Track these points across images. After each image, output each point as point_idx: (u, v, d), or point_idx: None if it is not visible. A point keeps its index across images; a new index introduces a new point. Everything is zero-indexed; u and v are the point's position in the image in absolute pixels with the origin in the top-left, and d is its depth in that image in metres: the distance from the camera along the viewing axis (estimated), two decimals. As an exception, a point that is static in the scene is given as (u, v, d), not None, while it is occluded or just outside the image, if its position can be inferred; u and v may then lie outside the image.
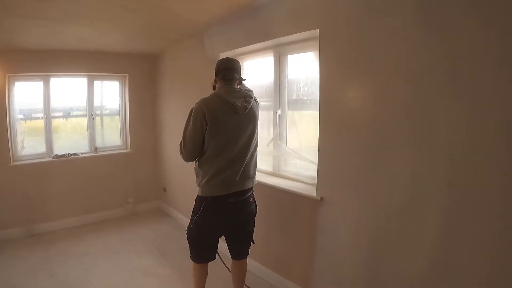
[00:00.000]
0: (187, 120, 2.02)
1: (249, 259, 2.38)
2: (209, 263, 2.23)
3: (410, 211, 1.77)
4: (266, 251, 2.74)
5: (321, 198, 2.25)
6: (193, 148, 2.01)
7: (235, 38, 2.87)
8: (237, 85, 2.13)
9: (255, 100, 2.13)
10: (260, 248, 2.63)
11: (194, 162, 2.14)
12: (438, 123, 1.61)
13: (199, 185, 2.08)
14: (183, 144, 2.06)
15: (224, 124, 1.96)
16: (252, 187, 2.16)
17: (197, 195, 2.11)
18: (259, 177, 2.68)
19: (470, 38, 1.46)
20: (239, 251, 2.27)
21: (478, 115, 1.46)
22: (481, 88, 1.44)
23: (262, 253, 2.75)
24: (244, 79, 2.20)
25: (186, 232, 2.21)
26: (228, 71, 2.08)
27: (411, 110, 1.72)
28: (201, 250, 2.18)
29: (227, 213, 2.07)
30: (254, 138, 2.11)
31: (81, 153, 3.83)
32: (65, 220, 3.76)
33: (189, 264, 2.26)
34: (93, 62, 3.72)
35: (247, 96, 2.06)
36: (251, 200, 2.17)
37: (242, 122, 2.02)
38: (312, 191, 2.35)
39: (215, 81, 2.17)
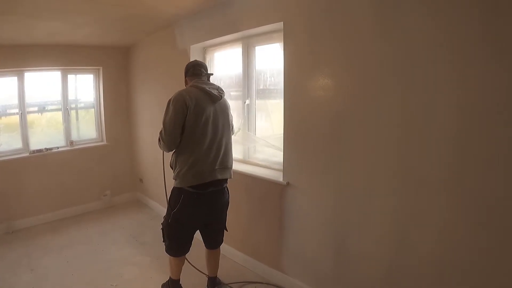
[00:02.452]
0: (166, 109, 2.03)
1: (228, 246, 2.51)
2: None
3: (369, 193, 1.92)
4: (238, 235, 2.86)
5: (288, 183, 2.37)
6: (174, 134, 2.00)
7: (204, 30, 2.93)
8: (207, 80, 2.25)
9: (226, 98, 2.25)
10: (232, 232, 2.69)
11: (170, 155, 2.17)
12: (389, 112, 1.75)
13: (176, 177, 2.07)
14: (163, 132, 2.05)
15: (204, 111, 2.02)
16: (227, 179, 2.21)
17: (174, 187, 2.12)
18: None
19: (420, 30, 1.60)
20: (214, 240, 2.36)
21: (428, 102, 1.60)
22: (430, 76, 1.58)
23: (234, 237, 2.87)
24: (211, 74, 2.32)
25: (162, 227, 2.22)
26: (195, 68, 2.22)
27: (366, 100, 1.86)
28: (180, 244, 2.20)
29: (206, 202, 2.11)
30: (228, 129, 2.21)
31: (58, 148, 3.83)
32: (43, 215, 3.79)
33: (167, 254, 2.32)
34: (66, 56, 3.70)
35: (219, 88, 2.19)
36: (225, 190, 2.26)
37: (217, 111, 2.12)
38: (279, 177, 2.46)
39: (186, 82, 2.27)
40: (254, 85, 2.82)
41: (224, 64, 3.14)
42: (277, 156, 2.66)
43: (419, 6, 1.59)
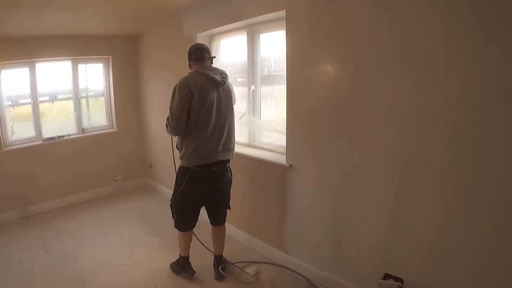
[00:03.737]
0: (172, 96, 2.14)
1: (227, 224, 2.60)
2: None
3: (367, 175, 1.99)
4: (243, 216, 2.97)
5: (290, 165, 2.45)
6: (181, 120, 2.11)
7: (210, 18, 2.99)
8: (210, 63, 2.32)
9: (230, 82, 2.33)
10: (237, 214, 2.84)
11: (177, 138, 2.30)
12: (388, 97, 1.82)
13: (182, 157, 2.22)
14: (170, 118, 2.16)
15: (208, 96, 2.12)
16: (229, 159, 2.34)
17: (180, 166, 2.27)
18: (236, 148, 2.88)
19: (424, 18, 1.62)
20: (218, 217, 2.49)
21: (426, 90, 1.66)
22: (429, 67, 1.63)
23: (239, 219, 2.98)
24: (214, 57, 2.39)
25: (170, 204, 2.38)
26: (198, 52, 2.28)
27: (367, 86, 1.92)
28: (188, 219, 2.37)
29: (210, 180, 2.25)
30: (232, 112, 2.30)
31: (69, 135, 3.96)
32: (57, 200, 3.93)
33: (175, 233, 2.50)
34: (76, 46, 3.79)
35: (223, 72, 2.26)
36: (228, 169, 2.39)
37: (221, 96, 2.21)
38: (282, 159, 2.54)
39: (190, 65, 2.35)
40: (259, 72, 2.88)
41: (230, 51, 3.20)
42: (282, 140, 2.72)
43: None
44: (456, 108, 1.56)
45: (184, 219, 2.37)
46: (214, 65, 2.39)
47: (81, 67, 4.02)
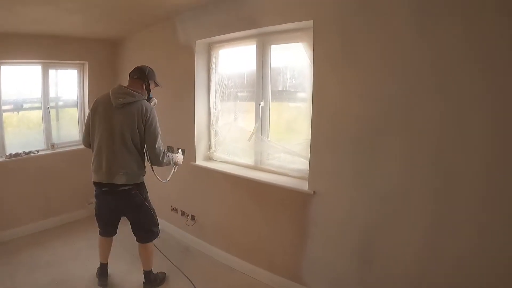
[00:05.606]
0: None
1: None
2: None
3: (401, 199, 1.87)
4: (247, 246, 2.73)
5: (314, 192, 2.24)
6: (84, 132, 2.37)
7: (214, 24, 2.69)
8: (137, 84, 2.30)
9: (144, 105, 2.22)
10: (241, 244, 2.72)
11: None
12: (427, 117, 1.72)
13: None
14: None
15: (99, 114, 2.20)
16: (127, 184, 2.20)
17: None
18: (240, 171, 2.69)
19: (453, 36, 1.59)
20: (136, 235, 2.44)
21: (461, 107, 1.60)
22: (463, 82, 1.58)
23: (244, 248, 2.75)
24: (147, 80, 2.33)
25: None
26: (132, 71, 2.34)
27: (400, 104, 1.81)
28: (99, 224, 2.49)
29: (105, 199, 2.30)
30: (128, 138, 2.16)
31: (37, 151, 3.40)
32: (25, 227, 3.35)
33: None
34: (48, 48, 3.28)
35: (129, 94, 2.18)
36: (133, 192, 2.26)
37: (116, 116, 2.15)
38: (302, 185, 2.33)
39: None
40: (269, 86, 2.63)
41: (233, 62, 2.92)
42: (296, 163, 2.52)
43: (453, 12, 1.59)
44: (497, 126, 1.52)
45: (98, 224, 2.49)
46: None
47: (52, 72, 3.49)
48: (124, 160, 2.17)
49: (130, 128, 2.15)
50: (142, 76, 2.30)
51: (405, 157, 1.82)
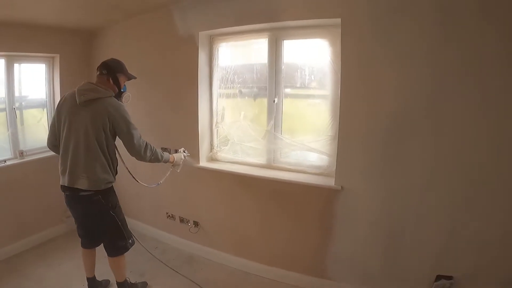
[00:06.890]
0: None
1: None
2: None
3: (430, 195, 2.00)
4: (265, 248, 2.66)
5: (342, 187, 2.25)
6: (49, 134, 2.17)
7: (222, 15, 2.50)
8: (103, 79, 2.09)
9: (110, 102, 2.02)
10: (260, 248, 2.65)
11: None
12: (454, 115, 1.86)
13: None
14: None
15: (64, 112, 2.01)
16: (89, 190, 1.99)
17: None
18: (252, 171, 2.59)
19: (482, 36, 1.72)
20: (104, 246, 2.24)
21: (492, 107, 1.76)
22: (493, 83, 1.74)
23: (262, 252, 2.67)
24: (114, 73, 2.12)
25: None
26: (98, 66, 2.12)
27: (429, 101, 1.92)
28: (79, 235, 2.31)
29: (71, 206, 2.13)
30: (93, 139, 1.96)
31: (5, 161, 2.87)
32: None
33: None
34: (13, 38, 2.74)
35: (93, 90, 1.99)
36: (95, 198, 2.02)
37: (81, 115, 1.96)
38: (326, 181, 2.32)
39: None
40: (282, 82, 2.55)
41: (239, 57, 2.78)
42: (313, 159, 2.50)
43: (481, 13, 1.72)
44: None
45: (79, 236, 2.32)
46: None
47: (16, 67, 2.96)
48: (87, 163, 1.97)
49: (94, 128, 1.95)
50: (108, 71, 2.10)
51: (434, 154, 1.95)
